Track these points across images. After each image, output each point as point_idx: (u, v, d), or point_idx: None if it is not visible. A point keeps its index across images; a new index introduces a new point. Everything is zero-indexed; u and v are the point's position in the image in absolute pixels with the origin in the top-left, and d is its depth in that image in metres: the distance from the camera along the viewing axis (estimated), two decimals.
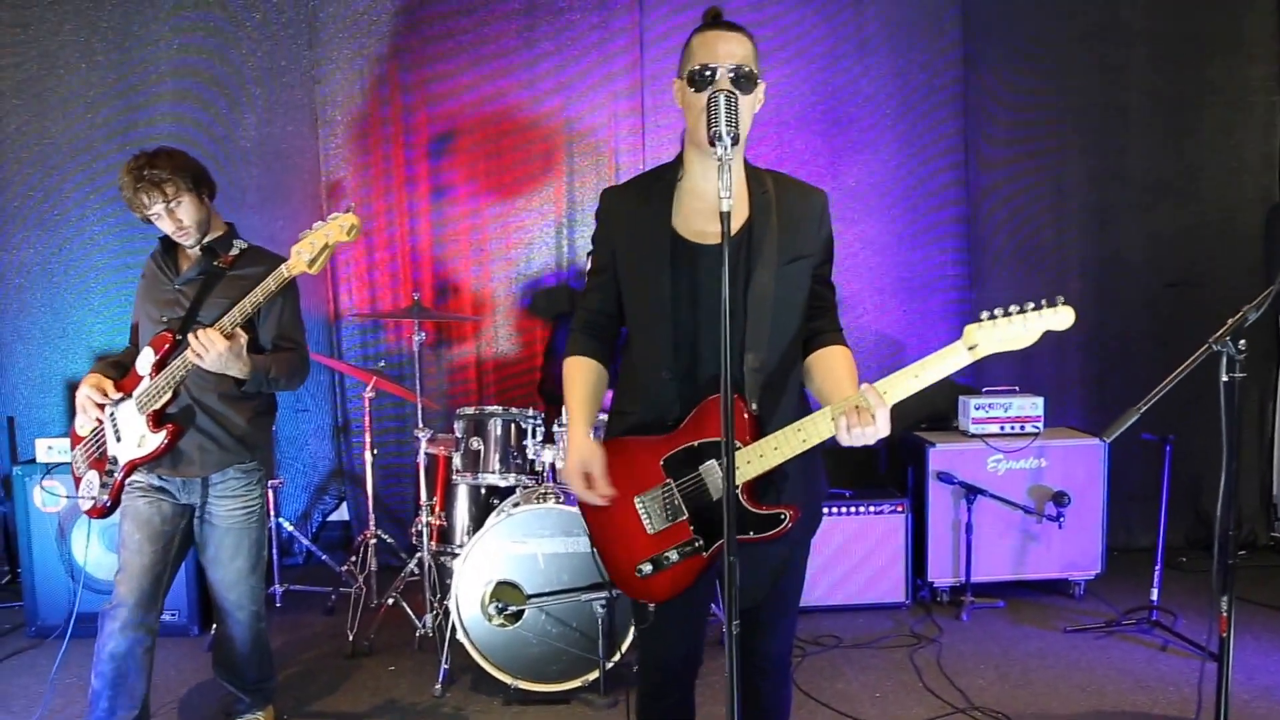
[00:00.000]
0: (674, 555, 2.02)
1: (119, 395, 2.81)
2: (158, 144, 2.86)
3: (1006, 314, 1.79)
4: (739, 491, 1.95)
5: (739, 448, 1.93)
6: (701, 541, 2.01)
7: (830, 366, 2.07)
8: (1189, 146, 4.95)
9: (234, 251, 2.88)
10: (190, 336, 2.61)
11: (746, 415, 1.97)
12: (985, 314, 1.81)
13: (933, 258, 4.89)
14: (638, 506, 2.04)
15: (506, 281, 4.86)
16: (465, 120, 4.76)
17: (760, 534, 1.97)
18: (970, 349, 1.82)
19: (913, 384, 1.84)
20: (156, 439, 2.74)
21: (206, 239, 2.86)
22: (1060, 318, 1.79)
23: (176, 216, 2.76)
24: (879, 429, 1.82)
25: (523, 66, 4.73)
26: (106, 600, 2.81)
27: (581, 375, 2.16)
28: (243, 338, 2.65)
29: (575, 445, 2.07)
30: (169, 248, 2.92)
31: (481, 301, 4.86)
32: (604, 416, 2.29)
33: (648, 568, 2.04)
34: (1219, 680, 1.91)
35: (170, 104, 4.65)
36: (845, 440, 1.84)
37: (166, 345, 2.75)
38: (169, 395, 2.73)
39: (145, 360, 2.77)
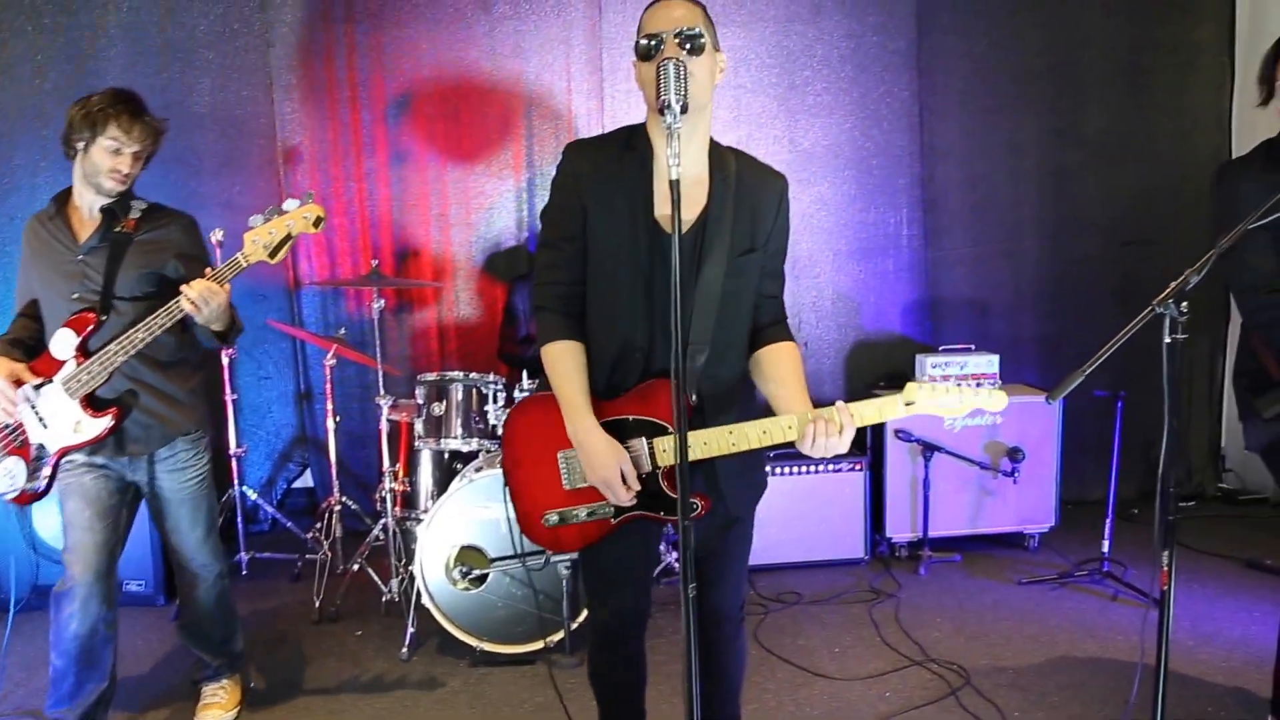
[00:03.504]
0: (582, 514, 2.07)
1: (38, 380, 2.62)
2: None
3: (946, 387, 1.98)
4: (659, 473, 2.02)
5: (670, 432, 1.99)
6: (611, 510, 2.05)
7: (779, 366, 2.09)
8: (1144, 106, 4.99)
9: (135, 214, 2.73)
10: (185, 288, 2.49)
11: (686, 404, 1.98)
12: (927, 379, 2.00)
13: (889, 218, 4.92)
14: (560, 461, 2.07)
15: (466, 246, 4.83)
16: (423, 83, 4.71)
17: (670, 517, 2.03)
18: (907, 405, 1.97)
19: (862, 420, 1.97)
20: (99, 424, 2.61)
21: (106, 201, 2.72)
22: (994, 400, 2.00)
23: (132, 165, 2.67)
24: (843, 445, 1.93)
25: (481, 29, 4.68)
26: (60, 580, 2.73)
27: (575, 364, 2.03)
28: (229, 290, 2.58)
29: (596, 448, 1.97)
30: (58, 210, 2.75)
31: (442, 266, 4.84)
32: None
33: (554, 518, 2.08)
34: (1159, 631, 2.00)
35: (121, 68, 4.53)
36: (806, 448, 1.93)
37: (90, 326, 2.61)
38: (105, 377, 2.58)
39: (65, 342, 2.60)
